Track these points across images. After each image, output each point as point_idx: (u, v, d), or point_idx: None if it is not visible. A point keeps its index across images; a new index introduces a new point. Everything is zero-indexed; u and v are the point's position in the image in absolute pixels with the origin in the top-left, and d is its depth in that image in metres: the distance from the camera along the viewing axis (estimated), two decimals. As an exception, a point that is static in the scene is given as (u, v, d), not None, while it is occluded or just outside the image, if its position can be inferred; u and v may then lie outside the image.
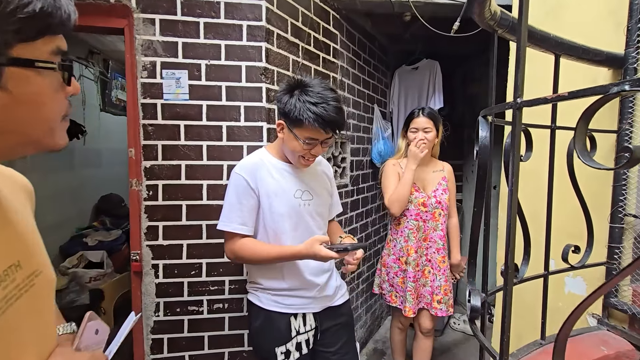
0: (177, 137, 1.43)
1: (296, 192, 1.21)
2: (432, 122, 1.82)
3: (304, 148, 1.12)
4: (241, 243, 1.16)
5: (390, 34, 2.62)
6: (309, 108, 1.07)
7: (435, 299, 1.83)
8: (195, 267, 1.47)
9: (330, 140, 1.17)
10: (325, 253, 1.08)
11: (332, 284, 1.30)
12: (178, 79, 1.41)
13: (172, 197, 1.44)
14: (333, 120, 1.09)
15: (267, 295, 1.23)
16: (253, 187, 1.15)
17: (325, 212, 1.32)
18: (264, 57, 1.45)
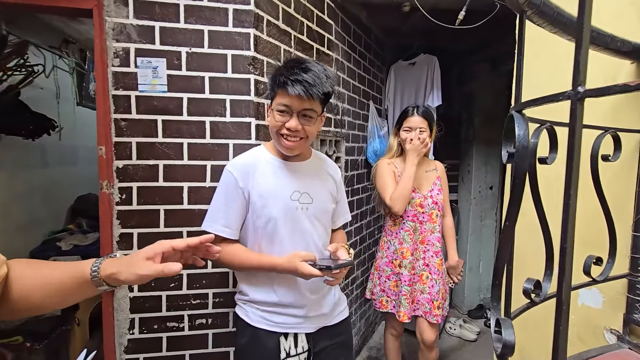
0: (154, 133, 1.27)
1: (293, 193, 1.08)
2: (426, 122, 1.71)
3: (276, 120, 1.01)
4: (223, 246, 1.05)
5: (387, 27, 2.50)
6: (281, 71, 0.99)
7: (435, 306, 1.73)
8: (174, 279, 1.32)
9: (312, 114, 1.01)
10: (307, 270, 0.97)
11: (329, 301, 1.17)
12: (155, 68, 1.25)
13: (149, 201, 1.28)
14: (302, 80, 0.95)
15: (255, 310, 1.11)
16: (242, 187, 1.04)
17: (326, 219, 1.17)
18: (253, 45, 1.30)
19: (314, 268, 0.98)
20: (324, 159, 1.23)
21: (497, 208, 3.11)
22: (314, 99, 0.98)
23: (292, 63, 0.99)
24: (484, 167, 3.06)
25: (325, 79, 0.99)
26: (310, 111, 1.01)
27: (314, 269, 0.98)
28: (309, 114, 1.01)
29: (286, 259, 1.01)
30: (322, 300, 1.14)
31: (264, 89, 1.37)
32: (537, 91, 1.41)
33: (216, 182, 1.31)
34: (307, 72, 0.96)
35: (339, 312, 1.20)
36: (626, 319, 1.09)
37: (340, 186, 1.25)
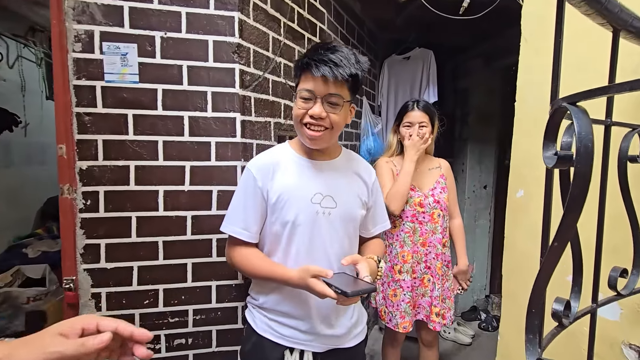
0: (124, 130, 1.11)
1: (315, 195, 0.96)
2: (427, 117, 1.61)
3: (298, 107, 0.92)
4: (239, 250, 1.00)
5: (380, 19, 2.37)
6: (306, 54, 0.92)
7: (433, 311, 1.63)
8: (149, 295, 1.16)
9: (338, 100, 0.91)
10: (319, 289, 0.83)
11: (344, 322, 1.04)
12: (124, 55, 1.09)
13: (118, 207, 1.12)
14: (328, 59, 0.87)
15: (263, 317, 1.03)
16: (261, 187, 0.96)
17: (352, 227, 1.04)
18: (237, 30, 1.15)
19: (329, 288, 0.83)
20: (355, 159, 1.09)
21: (491, 208, 3.05)
22: (340, 82, 0.89)
23: (318, 45, 0.94)
24: (478, 166, 2.99)
25: (354, 61, 0.90)
26: (336, 97, 0.90)
27: (328, 289, 0.83)
28: (334, 100, 0.91)
29: (297, 273, 0.90)
30: (336, 320, 1.02)
31: (250, 80, 1.22)
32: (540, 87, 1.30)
33: (196, 186, 1.17)
34: (334, 53, 0.88)
35: (355, 335, 1.07)
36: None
37: (375, 190, 1.11)
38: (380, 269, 1.00)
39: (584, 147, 0.42)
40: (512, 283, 1.44)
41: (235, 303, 1.22)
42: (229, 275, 1.21)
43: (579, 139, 0.42)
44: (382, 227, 1.15)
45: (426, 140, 1.59)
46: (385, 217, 1.17)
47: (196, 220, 1.17)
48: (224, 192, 1.18)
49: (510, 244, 1.44)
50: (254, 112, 1.24)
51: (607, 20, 0.72)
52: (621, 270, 0.85)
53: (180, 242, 1.17)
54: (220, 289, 1.21)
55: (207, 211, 1.18)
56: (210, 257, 1.20)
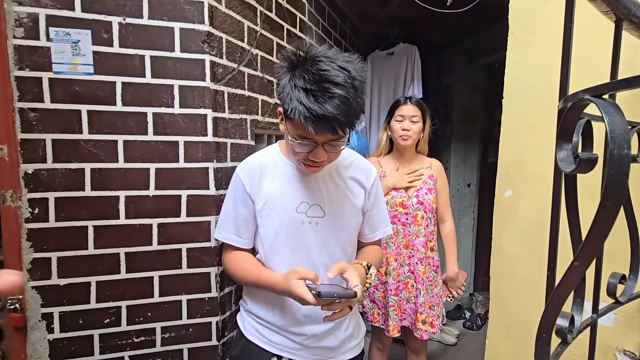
0: (77, 128, 0.98)
1: (300, 204, 0.92)
2: (420, 112, 1.56)
3: (296, 150, 0.83)
4: (232, 255, 0.98)
5: (363, 13, 2.29)
6: (298, 97, 0.74)
7: (419, 319, 1.58)
8: (110, 312, 1.04)
9: (339, 142, 0.82)
10: (299, 291, 0.76)
11: (338, 335, 0.98)
12: (75, 42, 0.96)
13: (72, 215, 0.99)
14: (329, 117, 0.72)
15: (251, 320, 1.01)
16: (249, 193, 0.93)
17: (345, 236, 0.97)
18: (207, 17, 1.03)
19: (309, 291, 0.77)
20: (351, 160, 1.00)
21: (474, 206, 3.04)
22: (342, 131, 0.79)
23: (309, 82, 0.74)
24: (462, 164, 2.97)
25: (356, 100, 0.76)
26: (338, 140, 0.81)
27: (308, 292, 0.77)
28: (335, 143, 0.82)
29: (282, 276, 0.86)
30: (327, 332, 0.96)
31: (223, 73, 1.11)
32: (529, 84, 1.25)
33: (163, 190, 1.05)
34: (334, 99, 0.72)
35: (349, 349, 1.01)
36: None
37: (374, 193, 1.02)
38: (369, 276, 0.93)
39: (619, 148, 0.34)
40: (500, 286, 1.40)
41: (208, 318, 1.11)
42: (201, 288, 1.10)
43: (612, 140, 0.34)
44: (382, 232, 1.07)
45: (413, 181, 1.59)
46: (387, 221, 1.08)
47: (163, 229, 1.05)
48: (194, 197, 1.07)
49: (497, 246, 1.40)
50: (227, 108, 1.13)
51: (611, 9, 0.65)
52: (620, 277, 0.80)
53: (145, 253, 1.05)
54: (191, 303, 1.10)
55: (175, 218, 1.06)
56: (180, 268, 1.08)
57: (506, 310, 1.37)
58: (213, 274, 1.10)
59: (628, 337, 1.01)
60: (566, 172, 0.43)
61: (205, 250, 1.09)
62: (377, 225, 1.05)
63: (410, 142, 1.56)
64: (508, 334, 1.36)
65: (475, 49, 2.70)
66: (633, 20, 0.73)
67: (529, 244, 1.25)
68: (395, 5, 2.07)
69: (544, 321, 0.49)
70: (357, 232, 1.02)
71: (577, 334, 0.70)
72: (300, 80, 0.74)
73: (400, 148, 1.61)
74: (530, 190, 1.24)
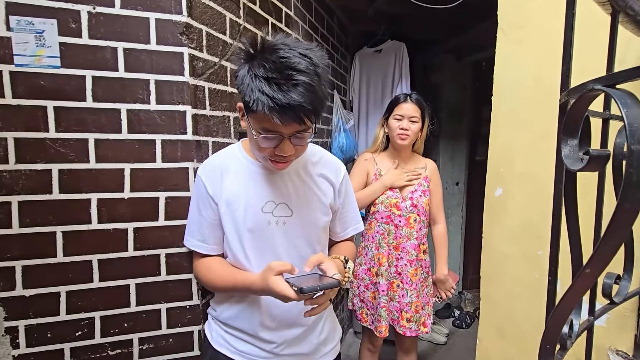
0: (43, 126, 0.90)
1: (266, 204, 0.87)
2: (419, 111, 1.53)
3: (262, 146, 0.77)
4: (200, 262, 0.94)
5: (351, 9, 2.25)
6: (259, 87, 0.69)
7: (403, 317, 1.56)
8: (82, 324, 0.96)
9: (306, 134, 0.78)
10: (280, 288, 0.72)
11: (311, 339, 0.94)
12: (40, 32, 0.88)
13: (38, 221, 0.91)
14: (294, 105, 0.68)
15: (218, 329, 0.96)
16: (212, 195, 0.88)
17: (315, 235, 0.93)
18: (185, 7, 0.97)
19: (290, 287, 0.73)
20: (319, 156, 0.95)
21: (463, 204, 3.04)
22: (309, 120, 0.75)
23: (269, 70, 0.69)
24: (450, 162, 2.97)
25: (320, 88, 0.72)
26: (304, 132, 0.77)
27: (289, 288, 0.73)
28: (302, 135, 0.78)
29: (259, 275, 0.80)
30: (299, 337, 0.91)
31: (203, 67, 1.05)
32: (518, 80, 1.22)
33: (139, 192, 0.99)
34: (298, 86, 0.68)
35: (324, 354, 0.97)
36: (638, 342, 0.95)
37: (344, 189, 0.99)
38: (347, 270, 0.90)
39: (639, 142, 0.30)
40: (490, 286, 1.38)
41: (190, 327, 1.05)
42: (181, 296, 1.04)
43: (632, 134, 0.31)
44: (353, 229, 1.04)
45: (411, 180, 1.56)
46: (358, 218, 1.06)
47: (139, 233, 0.99)
48: (173, 198, 1.01)
49: (488, 246, 1.38)
50: (208, 105, 1.07)
51: (608, 0, 0.63)
52: (615, 277, 0.77)
53: (120, 260, 0.98)
54: (171, 312, 1.03)
55: (152, 222, 0.99)
56: (159, 275, 1.01)
57: (497, 310, 1.35)
58: (194, 281, 1.04)
59: (621, 337, 0.99)
60: (574, 170, 0.39)
61: (186, 255, 1.02)
62: (348, 223, 1.03)
63: (408, 141, 1.54)
64: (499, 335, 1.34)
65: (463, 47, 2.69)
66: (629, 12, 0.70)
67: (520, 243, 1.23)
68: (383, 2, 2.03)
69: (549, 332, 0.46)
70: (326, 230, 0.98)
71: (575, 339, 0.67)
72: (260, 69, 0.69)
73: (396, 146, 1.58)
74: (521, 188, 1.22)
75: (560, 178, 0.50)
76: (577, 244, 0.59)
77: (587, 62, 0.94)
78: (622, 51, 0.97)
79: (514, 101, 1.23)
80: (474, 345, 1.41)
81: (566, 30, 0.50)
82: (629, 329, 0.97)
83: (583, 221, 0.58)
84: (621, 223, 0.32)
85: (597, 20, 0.75)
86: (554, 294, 0.54)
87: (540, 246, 1.15)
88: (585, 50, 0.91)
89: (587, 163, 0.37)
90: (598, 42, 0.93)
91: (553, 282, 0.53)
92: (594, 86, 0.36)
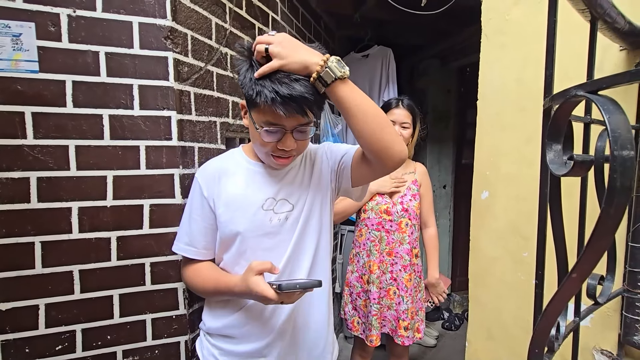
0: (20, 132, 0.87)
1: (266, 201, 0.85)
2: (411, 117, 1.54)
3: (264, 140, 0.77)
4: (188, 267, 0.91)
5: (338, 15, 2.27)
6: (262, 82, 0.72)
7: (401, 326, 1.55)
8: (62, 338, 0.93)
9: (307, 128, 0.79)
10: (260, 288, 0.71)
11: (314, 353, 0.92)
12: (17, 36, 0.85)
13: (15, 231, 0.88)
14: (297, 96, 0.70)
15: (207, 344, 0.93)
16: (207, 196, 0.86)
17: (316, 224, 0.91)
18: (170, 11, 0.96)
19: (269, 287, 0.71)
20: (309, 149, 0.95)
21: (450, 207, 3.08)
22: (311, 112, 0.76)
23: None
24: (437, 165, 3.00)
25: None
26: (307, 125, 0.79)
27: (269, 288, 0.71)
28: (304, 129, 0.79)
29: (241, 276, 0.78)
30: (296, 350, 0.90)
31: (189, 72, 1.03)
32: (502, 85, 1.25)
33: (122, 200, 0.97)
34: (299, 80, 0.71)
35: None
36: (622, 341, 0.97)
37: (331, 150, 0.94)
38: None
39: (621, 149, 0.31)
40: (479, 288, 1.39)
41: (176, 338, 1.03)
42: (167, 305, 1.01)
43: (614, 140, 0.31)
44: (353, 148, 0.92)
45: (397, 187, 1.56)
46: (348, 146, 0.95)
47: (123, 242, 0.96)
48: (158, 206, 0.98)
49: (476, 248, 1.39)
50: (194, 110, 1.05)
51: (587, 7, 0.64)
52: (599, 278, 0.79)
53: (103, 270, 0.95)
54: (157, 322, 1.01)
55: (137, 230, 0.97)
56: (143, 285, 0.99)
57: (485, 312, 1.36)
58: (180, 290, 1.01)
59: (605, 337, 1.01)
60: (558, 175, 0.40)
61: (172, 264, 1.00)
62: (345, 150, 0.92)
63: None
64: (488, 337, 1.35)
65: (447, 52, 2.74)
66: (606, 19, 0.72)
67: (506, 245, 1.25)
68: (369, 7, 2.05)
69: (537, 336, 0.46)
70: (330, 217, 0.94)
71: (562, 340, 0.68)
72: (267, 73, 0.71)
73: None
74: (506, 191, 1.24)
75: (545, 182, 0.50)
76: (562, 247, 0.60)
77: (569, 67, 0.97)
78: (600, 59, 1.00)
79: (498, 105, 1.26)
80: (463, 346, 1.42)
81: (548, 37, 0.51)
82: (613, 328, 0.99)
83: (566, 220, 0.59)
84: (606, 228, 0.32)
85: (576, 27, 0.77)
86: (541, 298, 0.54)
87: (526, 248, 1.17)
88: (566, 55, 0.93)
89: (572, 168, 0.37)
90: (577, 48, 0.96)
91: (540, 285, 0.54)
92: (577, 92, 0.37)
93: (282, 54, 0.70)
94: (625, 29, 0.78)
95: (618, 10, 0.73)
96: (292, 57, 0.70)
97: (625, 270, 0.93)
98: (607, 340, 1.01)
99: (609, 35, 0.82)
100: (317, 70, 0.69)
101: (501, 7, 1.25)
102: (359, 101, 0.73)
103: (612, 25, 0.76)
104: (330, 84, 0.70)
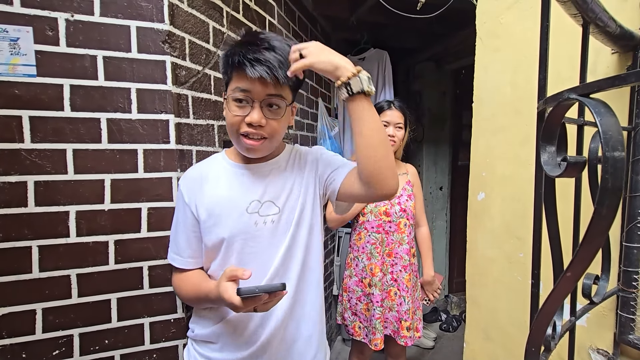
0: (18, 136, 0.87)
1: (251, 204, 0.83)
2: (403, 118, 1.55)
3: (232, 112, 0.77)
4: (176, 276, 0.91)
5: (334, 18, 2.28)
6: (235, 49, 0.76)
7: (403, 326, 1.55)
8: (60, 343, 0.92)
9: (280, 102, 0.78)
10: (227, 295, 0.68)
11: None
12: (14, 40, 0.85)
13: (12, 235, 0.87)
14: (262, 59, 0.72)
15: (195, 352, 0.91)
16: (188, 203, 0.85)
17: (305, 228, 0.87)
18: (167, 15, 0.96)
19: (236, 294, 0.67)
20: (300, 150, 0.93)
21: (447, 209, 3.09)
22: (280, 83, 0.76)
23: (249, 37, 0.78)
24: (434, 167, 3.02)
25: (286, 52, 0.77)
26: (278, 98, 0.78)
27: (235, 295, 0.67)
28: (275, 101, 0.78)
29: (216, 282, 0.76)
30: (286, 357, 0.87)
31: (186, 76, 1.04)
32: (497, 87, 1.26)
33: (120, 204, 0.96)
34: (270, 50, 0.74)
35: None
36: (617, 340, 0.98)
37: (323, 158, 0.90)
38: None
39: (613, 150, 0.31)
40: (476, 289, 1.40)
41: (174, 341, 1.02)
42: (165, 309, 1.01)
43: (606, 141, 0.32)
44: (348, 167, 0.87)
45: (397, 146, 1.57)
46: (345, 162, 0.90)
47: (121, 246, 0.96)
48: (156, 209, 0.98)
49: (472, 249, 1.40)
50: (192, 113, 1.06)
51: (579, 12, 0.65)
52: (594, 277, 0.80)
53: (101, 274, 0.94)
54: (155, 326, 1.00)
55: (134, 234, 0.97)
56: (141, 289, 0.98)
57: (482, 313, 1.37)
58: (179, 293, 1.01)
59: (601, 336, 1.02)
60: (553, 176, 0.41)
61: (169, 267, 0.98)
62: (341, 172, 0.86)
63: (395, 148, 1.56)
64: (485, 337, 1.36)
65: (443, 55, 2.76)
66: (598, 23, 0.74)
67: (502, 246, 1.26)
68: (365, 11, 2.07)
69: (534, 334, 0.46)
70: (320, 221, 0.91)
71: (558, 340, 0.69)
72: (237, 42, 0.78)
73: None
74: (502, 192, 1.25)
75: (540, 183, 0.51)
76: (557, 247, 0.61)
77: (562, 69, 0.98)
78: (593, 61, 1.02)
79: (493, 107, 1.27)
80: (461, 348, 1.42)
81: (541, 42, 0.52)
82: (608, 327, 1.00)
83: (561, 220, 0.60)
84: (599, 228, 0.33)
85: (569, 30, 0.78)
86: (537, 297, 0.55)
87: (521, 248, 1.18)
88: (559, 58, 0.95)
89: (565, 169, 0.38)
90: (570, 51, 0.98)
91: (536, 285, 0.54)
92: (570, 95, 0.38)
93: (314, 53, 0.73)
94: (617, 33, 0.80)
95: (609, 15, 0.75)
96: (323, 56, 0.73)
97: (620, 270, 0.94)
98: (603, 339, 1.02)
99: (600, 38, 0.83)
100: (348, 76, 0.70)
101: (495, 10, 1.27)
102: (373, 120, 0.73)
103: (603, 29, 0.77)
104: (356, 94, 0.71)
